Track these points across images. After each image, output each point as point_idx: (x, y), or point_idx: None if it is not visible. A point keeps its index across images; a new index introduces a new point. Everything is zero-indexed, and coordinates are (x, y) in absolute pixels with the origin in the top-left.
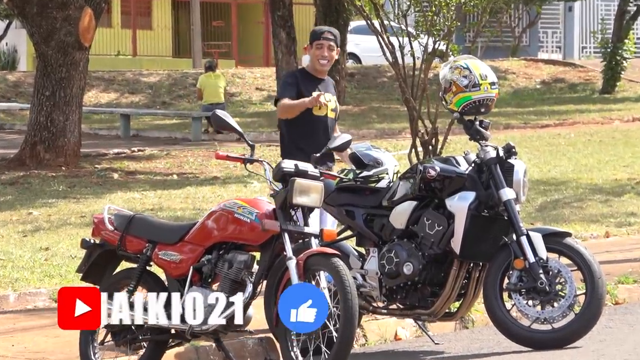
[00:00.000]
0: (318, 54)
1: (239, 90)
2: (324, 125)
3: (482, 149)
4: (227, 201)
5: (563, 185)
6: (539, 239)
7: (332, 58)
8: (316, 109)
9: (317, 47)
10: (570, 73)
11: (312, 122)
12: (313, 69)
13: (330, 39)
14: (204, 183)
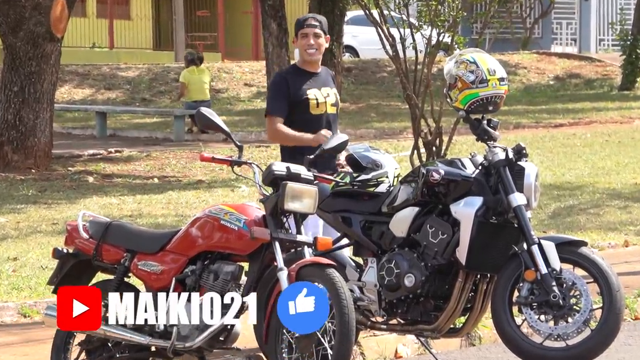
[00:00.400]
0: (304, 44)
1: (226, 86)
2: (326, 122)
3: (490, 150)
4: (212, 207)
5: (578, 190)
6: (552, 249)
7: (320, 46)
8: (314, 106)
9: (302, 36)
10: (586, 68)
11: (311, 121)
12: (303, 62)
13: (314, 26)
14: (188, 187)
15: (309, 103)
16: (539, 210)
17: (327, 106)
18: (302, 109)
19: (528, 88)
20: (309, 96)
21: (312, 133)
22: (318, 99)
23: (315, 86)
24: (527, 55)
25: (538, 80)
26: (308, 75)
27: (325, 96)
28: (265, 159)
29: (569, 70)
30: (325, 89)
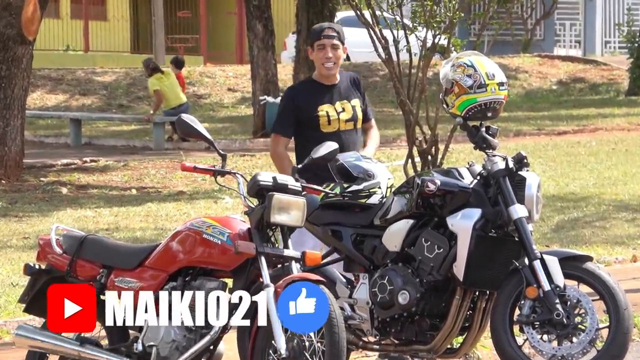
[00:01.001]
0: (321, 57)
1: (208, 91)
2: (339, 141)
3: (489, 159)
4: (194, 220)
5: (583, 202)
6: (555, 264)
7: (338, 58)
8: (324, 124)
9: (318, 48)
10: (591, 72)
11: (322, 140)
12: (319, 75)
13: (332, 37)
14: (168, 199)
15: (319, 121)
16: (541, 223)
17: (341, 123)
18: (312, 127)
19: (529, 93)
20: (319, 113)
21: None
22: (330, 115)
23: (329, 101)
24: (528, 58)
25: (540, 85)
26: (323, 89)
27: (339, 111)
28: (250, 168)
29: (572, 74)
30: (341, 103)
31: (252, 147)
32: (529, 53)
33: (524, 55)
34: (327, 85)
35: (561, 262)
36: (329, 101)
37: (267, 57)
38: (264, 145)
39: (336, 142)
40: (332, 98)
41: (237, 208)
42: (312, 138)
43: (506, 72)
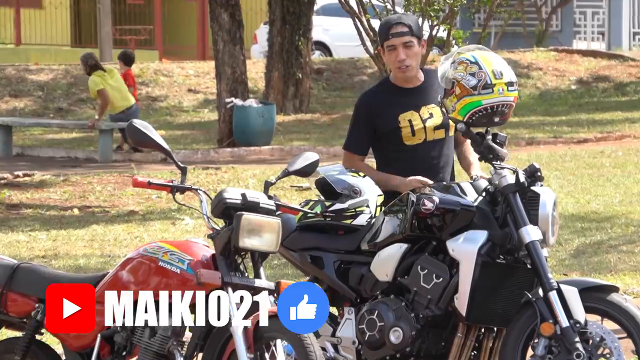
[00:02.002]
0: (393, 60)
1: (165, 92)
2: (430, 153)
3: (497, 172)
4: (148, 244)
5: (608, 222)
6: (575, 296)
7: (415, 56)
8: (407, 136)
9: (388, 50)
10: (617, 69)
11: (407, 154)
12: (395, 77)
13: (402, 34)
14: (117, 220)
15: (401, 133)
16: (558, 247)
17: (429, 132)
18: (393, 140)
19: (544, 94)
20: (400, 124)
21: (410, 168)
22: (413, 124)
23: (412, 107)
24: (542, 53)
25: (557, 84)
26: (403, 93)
27: (427, 118)
28: (215, 184)
29: (595, 71)
30: (428, 107)
31: (217, 159)
32: (544, 47)
33: (538, 49)
34: (409, 88)
35: (581, 293)
36: (411, 107)
37: (234, 52)
38: (230, 156)
39: (424, 155)
40: (416, 103)
41: (199, 230)
42: (394, 153)
43: (517, 69)
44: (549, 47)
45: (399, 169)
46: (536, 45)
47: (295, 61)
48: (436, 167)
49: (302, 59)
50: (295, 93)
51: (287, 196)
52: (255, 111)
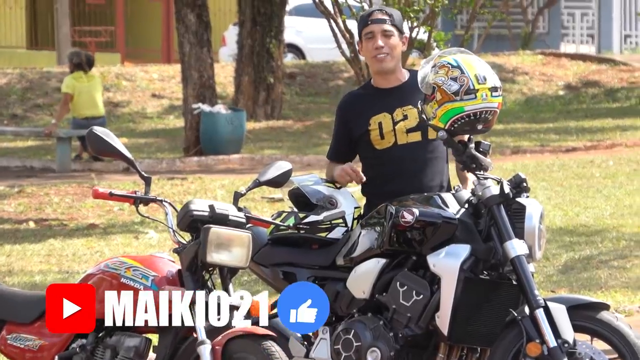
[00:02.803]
0: (370, 48)
1: (127, 97)
2: (403, 159)
3: (480, 182)
4: (110, 260)
5: (598, 236)
6: (563, 314)
7: (393, 48)
8: (376, 139)
9: (366, 37)
10: (607, 73)
11: (379, 158)
12: (375, 74)
13: (382, 20)
14: (76, 234)
15: (370, 136)
16: (546, 262)
17: (399, 134)
18: (365, 145)
19: (530, 100)
20: (370, 127)
21: (382, 175)
22: (383, 127)
23: (385, 109)
24: (529, 56)
25: (543, 89)
26: (379, 95)
27: (399, 120)
28: (181, 195)
29: (584, 76)
30: (403, 109)
31: (183, 168)
32: (530, 50)
33: (524, 52)
34: (387, 89)
35: (570, 311)
36: (385, 109)
37: (201, 55)
38: (197, 166)
39: (396, 160)
40: (391, 104)
41: (164, 245)
42: (368, 159)
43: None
44: (536, 50)
45: (374, 175)
46: (522, 48)
47: (267, 65)
48: (411, 173)
49: (273, 62)
50: (267, 98)
51: (258, 208)
52: (223, 118)
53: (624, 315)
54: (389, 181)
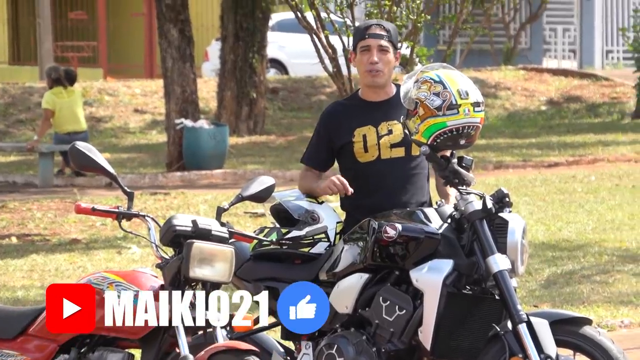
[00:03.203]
0: (365, 61)
1: (110, 112)
2: (385, 174)
3: (463, 198)
4: (92, 275)
5: (580, 251)
6: (546, 328)
7: (388, 64)
8: (359, 151)
9: (362, 50)
10: (589, 88)
11: (361, 171)
12: (364, 87)
13: (379, 36)
14: (58, 249)
15: (353, 148)
16: (528, 277)
17: (383, 149)
18: (348, 156)
19: (513, 115)
20: (354, 138)
21: (364, 188)
22: (367, 140)
23: (370, 122)
24: (511, 71)
25: (526, 104)
26: (366, 107)
27: (384, 134)
28: (164, 210)
29: (566, 91)
30: (389, 124)
31: (166, 183)
32: (512, 65)
33: (506, 68)
34: (374, 102)
35: (552, 326)
36: (370, 122)
37: (184, 70)
38: (180, 181)
39: (378, 174)
40: (376, 117)
41: (147, 260)
42: (350, 171)
43: (483, 88)
44: (518, 66)
45: (355, 188)
46: (504, 64)
47: (249, 80)
48: (393, 189)
49: (256, 77)
50: (249, 113)
51: (241, 223)
52: (206, 133)
53: (607, 330)
54: (369, 195)
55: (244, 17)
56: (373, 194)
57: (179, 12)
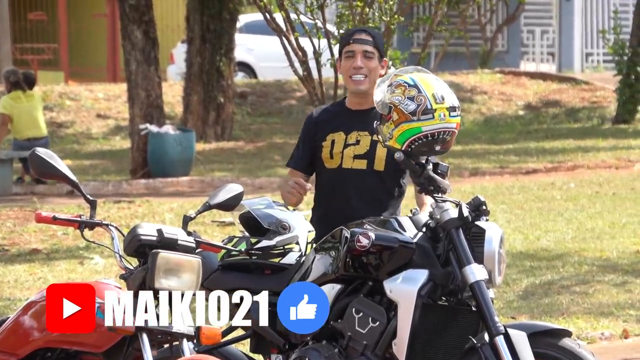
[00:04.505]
0: (348, 67)
1: (71, 117)
2: (344, 181)
3: (438, 206)
4: None
5: (559, 260)
6: (524, 341)
7: (372, 70)
8: (326, 156)
9: (346, 56)
10: (568, 92)
11: (325, 176)
12: (349, 94)
13: (365, 42)
14: (17, 259)
15: (322, 152)
16: (506, 287)
17: (345, 158)
18: (318, 161)
19: (489, 120)
20: (324, 142)
21: (323, 194)
22: (334, 146)
23: (344, 128)
24: (487, 75)
25: (503, 109)
26: (346, 114)
27: (350, 143)
28: (129, 219)
29: (544, 95)
30: (359, 134)
31: (130, 191)
32: (489, 68)
33: (482, 71)
34: (355, 111)
35: (531, 338)
36: (343, 128)
37: (148, 74)
38: (145, 189)
39: (337, 182)
40: (349, 125)
41: (110, 270)
42: (319, 177)
43: (459, 92)
44: (495, 69)
45: (320, 193)
46: (480, 67)
47: (217, 83)
48: (348, 199)
49: (224, 81)
50: (217, 119)
51: (208, 232)
52: (172, 138)
53: (587, 343)
54: (328, 201)
55: (210, 18)
56: (331, 201)
57: (143, 13)
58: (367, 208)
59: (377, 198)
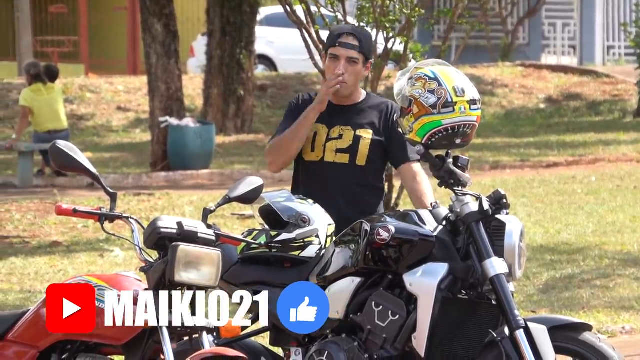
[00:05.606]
0: (332, 69)
1: (92, 110)
2: (326, 175)
3: (458, 199)
4: (74, 279)
5: (580, 254)
6: (544, 335)
7: (355, 74)
8: (307, 149)
9: (330, 58)
10: (590, 86)
11: (305, 168)
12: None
13: (351, 46)
14: (38, 252)
15: (304, 143)
16: (526, 281)
17: (327, 152)
18: (300, 152)
19: (510, 114)
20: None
21: (303, 186)
22: (317, 139)
23: (326, 122)
24: (508, 68)
25: (524, 102)
26: (332, 109)
27: (333, 137)
28: (148, 211)
29: (566, 89)
30: (342, 128)
31: (150, 184)
32: (510, 61)
33: (503, 64)
34: (337, 105)
35: (551, 332)
36: (325, 121)
37: (169, 67)
38: (165, 181)
39: (318, 175)
40: (331, 119)
41: (130, 263)
42: (297, 165)
43: (480, 86)
44: (516, 62)
45: (297, 184)
46: (501, 60)
47: (237, 76)
48: (331, 193)
49: (244, 74)
50: (237, 112)
51: (228, 225)
52: (192, 131)
53: (607, 337)
54: (310, 193)
55: (231, 11)
56: (312, 194)
57: (164, 6)
58: (347, 202)
59: (357, 192)
